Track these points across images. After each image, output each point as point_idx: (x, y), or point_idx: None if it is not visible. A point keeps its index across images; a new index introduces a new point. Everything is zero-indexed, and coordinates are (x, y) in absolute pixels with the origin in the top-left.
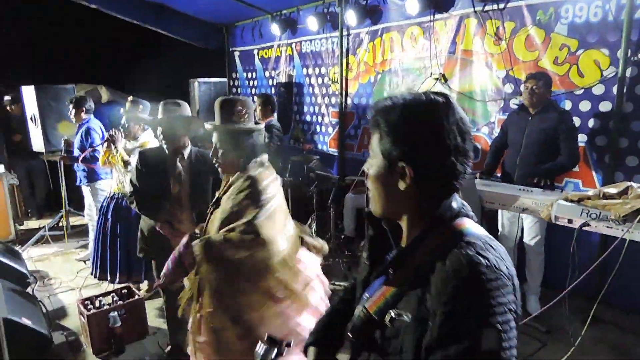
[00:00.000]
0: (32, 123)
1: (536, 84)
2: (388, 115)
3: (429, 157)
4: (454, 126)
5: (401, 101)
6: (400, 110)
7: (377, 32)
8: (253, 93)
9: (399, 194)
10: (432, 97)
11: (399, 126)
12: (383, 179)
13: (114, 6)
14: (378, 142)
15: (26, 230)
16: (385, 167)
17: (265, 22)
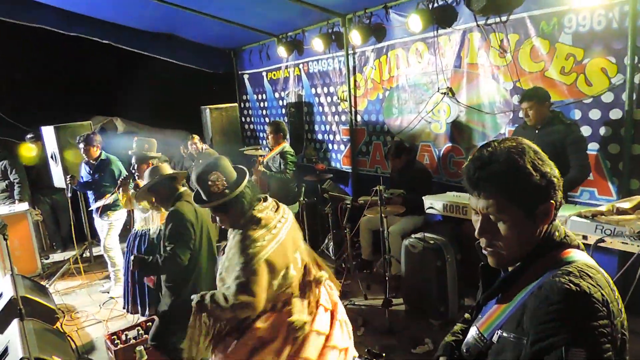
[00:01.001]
0: (53, 161)
1: (528, 104)
2: (501, 173)
3: (558, 189)
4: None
5: (500, 159)
6: (506, 165)
7: (382, 49)
8: (264, 114)
9: (533, 233)
10: (512, 142)
11: (518, 177)
12: (525, 227)
13: (125, 40)
14: (499, 200)
15: (52, 264)
16: (524, 216)
17: (272, 45)
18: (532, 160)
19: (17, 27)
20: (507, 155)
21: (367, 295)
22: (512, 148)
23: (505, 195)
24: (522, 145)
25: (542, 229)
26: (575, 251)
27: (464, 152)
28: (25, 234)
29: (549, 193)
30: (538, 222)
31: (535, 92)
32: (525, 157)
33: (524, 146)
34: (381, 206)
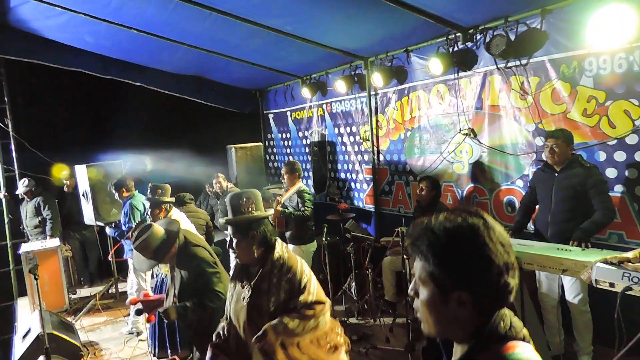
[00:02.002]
0: (84, 199)
1: (555, 142)
2: (431, 243)
3: (484, 281)
4: (498, 244)
5: (441, 228)
6: (444, 238)
7: (403, 90)
8: (288, 152)
9: (453, 317)
10: (470, 219)
11: (446, 254)
12: (437, 307)
13: (156, 81)
14: (423, 269)
15: (79, 299)
16: (438, 295)
17: (297, 86)
18: (466, 245)
19: (56, 71)
20: (445, 232)
21: (389, 339)
22: (457, 223)
23: (426, 266)
24: (462, 226)
25: (463, 317)
26: (520, 346)
27: (487, 192)
28: (55, 269)
29: (467, 285)
30: (452, 309)
31: (563, 131)
32: (455, 242)
33: (463, 229)
34: (403, 248)
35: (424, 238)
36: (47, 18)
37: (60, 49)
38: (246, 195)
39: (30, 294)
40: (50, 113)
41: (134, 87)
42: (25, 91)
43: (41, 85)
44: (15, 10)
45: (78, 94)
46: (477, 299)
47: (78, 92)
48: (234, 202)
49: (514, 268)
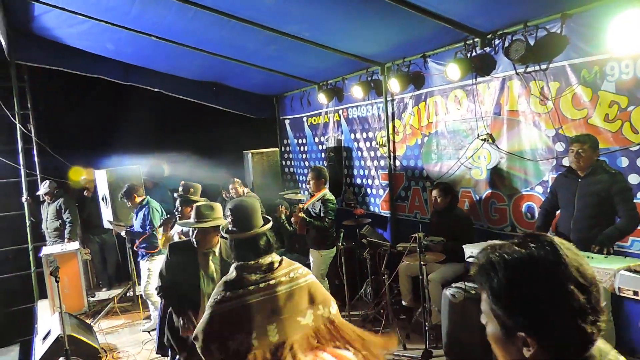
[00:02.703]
0: (104, 203)
1: (581, 147)
2: (490, 278)
3: (550, 325)
4: (571, 284)
5: (501, 261)
6: (503, 273)
7: (420, 96)
8: (304, 158)
9: (518, 355)
10: (537, 252)
11: (505, 293)
12: (502, 344)
13: (175, 88)
14: (486, 302)
15: (98, 302)
16: (502, 333)
17: (313, 92)
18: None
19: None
20: (504, 269)
21: (406, 345)
22: (520, 258)
23: (489, 302)
24: (536, 261)
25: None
26: None
27: (506, 199)
28: (74, 272)
29: (530, 327)
30: (518, 349)
31: (589, 136)
32: (521, 280)
33: (539, 264)
34: (420, 254)
35: (484, 274)
36: (70, 26)
37: (82, 56)
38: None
39: (50, 296)
40: (70, 118)
41: (152, 93)
42: (47, 97)
43: (62, 92)
44: (39, 18)
45: (98, 99)
46: (544, 344)
47: (98, 98)
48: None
49: (596, 312)
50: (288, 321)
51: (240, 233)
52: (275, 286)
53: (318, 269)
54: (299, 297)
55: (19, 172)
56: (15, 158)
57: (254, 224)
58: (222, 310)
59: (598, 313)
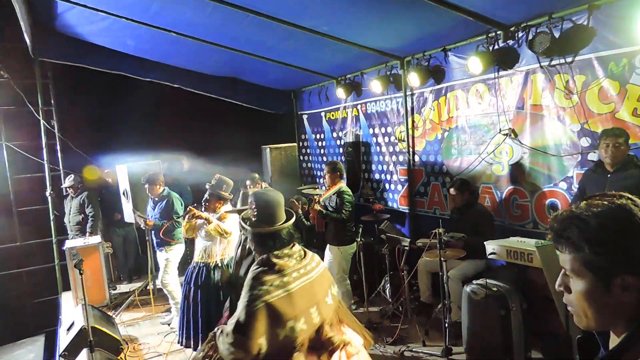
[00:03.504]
0: (125, 197)
1: (616, 140)
2: (583, 230)
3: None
4: None
5: (590, 214)
6: (596, 223)
7: (441, 90)
8: (322, 153)
9: (617, 305)
10: (617, 200)
11: (602, 239)
12: (598, 296)
13: (193, 83)
14: (576, 260)
15: (119, 294)
16: (598, 284)
17: (331, 86)
18: (619, 232)
19: (97, 73)
20: (592, 217)
21: (425, 342)
22: (606, 211)
23: (579, 256)
24: (617, 211)
25: (628, 303)
26: None
27: (528, 195)
28: (96, 265)
29: (630, 267)
30: (616, 295)
31: (622, 129)
32: (610, 227)
33: (618, 213)
34: (440, 250)
35: (572, 227)
36: (91, 23)
37: (103, 53)
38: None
39: (73, 289)
40: (91, 114)
41: (172, 89)
42: (70, 93)
43: (84, 88)
44: (62, 16)
45: (118, 95)
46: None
47: (118, 94)
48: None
49: None
50: (322, 303)
51: (265, 227)
52: (310, 271)
53: (339, 266)
54: (324, 279)
55: (42, 168)
56: (39, 154)
57: (279, 217)
58: (270, 303)
59: None
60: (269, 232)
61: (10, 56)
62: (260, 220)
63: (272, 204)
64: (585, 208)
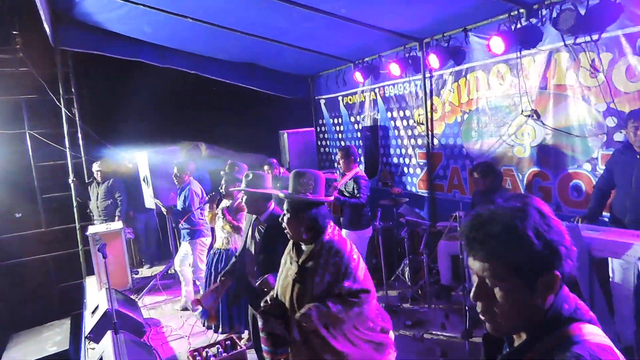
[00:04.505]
0: (145, 183)
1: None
2: (500, 234)
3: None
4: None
5: (505, 214)
6: (508, 225)
7: (461, 72)
8: (340, 137)
9: (533, 304)
10: (513, 202)
11: (523, 239)
12: (520, 298)
13: (210, 70)
14: (497, 265)
15: (140, 278)
16: (521, 285)
17: (349, 70)
18: (535, 226)
19: (116, 61)
20: (506, 218)
21: (445, 325)
22: (515, 210)
23: (502, 261)
24: (527, 207)
25: (547, 300)
26: (587, 327)
27: (551, 177)
28: (119, 250)
29: (552, 264)
30: (539, 295)
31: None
32: (527, 222)
33: (528, 208)
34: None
35: (490, 232)
36: (109, 11)
37: (121, 41)
38: (309, 176)
39: (97, 273)
40: (111, 102)
41: (189, 76)
42: (91, 83)
43: (103, 76)
44: (80, 4)
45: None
46: (564, 276)
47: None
48: (296, 179)
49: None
50: None
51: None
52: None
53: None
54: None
55: (64, 155)
56: (61, 141)
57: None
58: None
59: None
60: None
61: (32, 46)
62: (318, 192)
63: (320, 179)
64: (497, 211)
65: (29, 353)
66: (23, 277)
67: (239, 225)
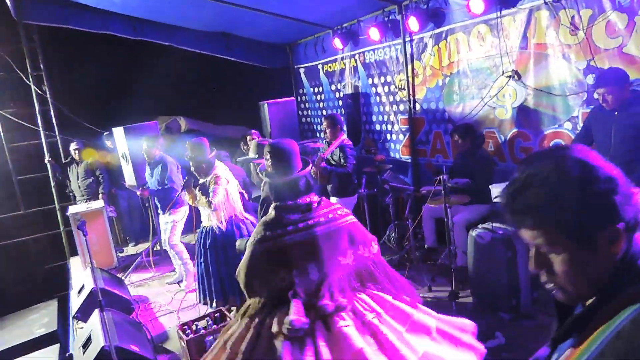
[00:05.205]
0: (124, 160)
1: (605, 90)
2: (544, 197)
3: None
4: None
5: (543, 176)
6: (557, 183)
7: (441, 34)
8: (321, 107)
9: (598, 265)
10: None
11: (571, 197)
12: (581, 260)
13: (185, 41)
14: (547, 232)
15: (126, 257)
16: (583, 246)
17: (327, 37)
18: (578, 180)
19: (88, 35)
20: (545, 177)
21: (431, 287)
22: (553, 166)
23: (550, 227)
24: (566, 160)
25: (615, 256)
26: None
27: (532, 137)
28: (101, 229)
29: (609, 217)
30: (603, 252)
31: (612, 74)
32: (568, 177)
33: (568, 161)
34: (445, 197)
35: (532, 199)
36: None
37: (89, 13)
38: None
39: (81, 253)
40: (85, 79)
41: (164, 49)
42: (61, 58)
43: (75, 52)
44: None
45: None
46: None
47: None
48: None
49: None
50: (328, 260)
51: (281, 177)
52: (314, 226)
53: None
54: (338, 237)
55: (38, 135)
56: (33, 121)
57: (294, 166)
58: (262, 249)
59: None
60: (285, 182)
61: None
62: (276, 171)
63: (287, 153)
64: (535, 172)
65: (17, 336)
66: (4, 261)
67: (211, 200)
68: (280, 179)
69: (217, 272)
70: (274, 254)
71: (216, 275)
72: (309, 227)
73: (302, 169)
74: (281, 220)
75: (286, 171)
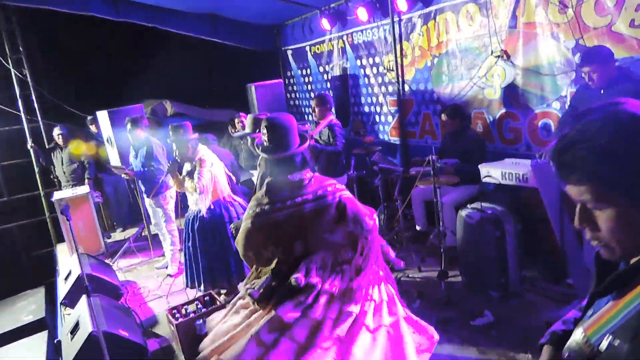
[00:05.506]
0: (109, 144)
1: (590, 68)
2: (594, 151)
3: None
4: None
5: (593, 130)
6: (607, 137)
7: (430, 14)
8: (309, 89)
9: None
10: (610, 108)
11: (622, 152)
12: (628, 217)
13: (170, 22)
14: (595, 187)
15: (114, 242)
16: (631, 203)
17: (315, 18)
18: (629, 134)
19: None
20: (595, 131)
21: (421, 267)
22: (604, 120)
23: (598, 181)
24: (618, 114)
25: None
26: None
27: (521, 117)
28: (88, 215)
29: None
30: None
31: (596, 52)
32: (622, 130)
33: (620, 114)
34: (434, 177)
35: (581, 153)
36: None
37: None
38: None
39: (67, 239)
40: (68, 62)
41: (149, 31)
42: (41, 41)
43: (56, 35)
44: None
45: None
46: None
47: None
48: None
49: None
50: (313, 238)
51: (277, 152)
52: (303, 203)
53: None
54: (326, 214)
55: (20, 120)
56: (14, 105)
57: (291, 142)
58: (251, 225)
59: None
60: (280, 157)
61: None
62: (272, 145)
63: (285, 128)
64: (585, 127)
65: (4, 324)
66: None
67: (197, 184)
68: (276, 153)
69: (205, 255)
70: (263, 230)
71: (204, 258)
72: (297, 205)
73: (299, 145)
74: (271, 197)
75: (283, 146)
